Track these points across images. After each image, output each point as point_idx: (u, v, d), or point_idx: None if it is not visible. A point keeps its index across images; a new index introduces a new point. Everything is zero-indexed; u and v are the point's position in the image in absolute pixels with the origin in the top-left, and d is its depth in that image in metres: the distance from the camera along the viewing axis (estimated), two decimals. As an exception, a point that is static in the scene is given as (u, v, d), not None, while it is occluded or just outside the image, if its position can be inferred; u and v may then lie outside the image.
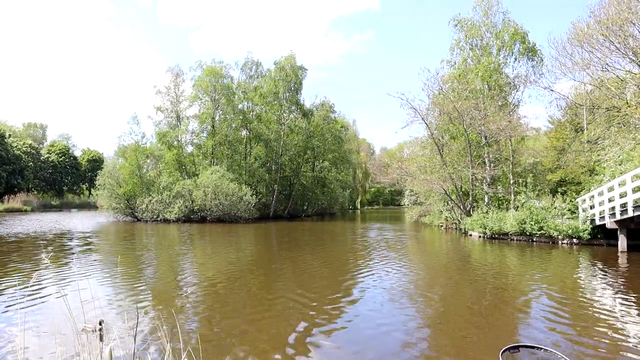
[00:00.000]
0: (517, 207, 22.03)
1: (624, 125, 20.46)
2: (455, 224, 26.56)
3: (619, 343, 5.99)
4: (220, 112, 45.28)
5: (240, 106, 47.12)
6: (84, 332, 5.46)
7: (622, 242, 15.27)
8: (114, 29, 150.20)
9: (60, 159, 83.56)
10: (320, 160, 55.01)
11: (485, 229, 20.94)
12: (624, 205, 14.66)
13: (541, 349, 5.27)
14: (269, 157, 47.87)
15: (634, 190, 13.94)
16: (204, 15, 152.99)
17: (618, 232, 15.42)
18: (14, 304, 8.27)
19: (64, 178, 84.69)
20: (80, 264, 13.27)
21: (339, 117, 63.09)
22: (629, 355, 5.54)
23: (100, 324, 5.49)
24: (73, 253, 16.20)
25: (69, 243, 19.73)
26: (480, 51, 28.25)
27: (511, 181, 25.69)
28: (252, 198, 39.05)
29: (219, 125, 45.07)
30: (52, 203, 74.74)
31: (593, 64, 20.55)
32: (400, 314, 7.67)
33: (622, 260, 13.69)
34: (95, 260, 14.56)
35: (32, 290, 9.38)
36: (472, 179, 25.06)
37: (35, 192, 75.09)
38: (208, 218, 37.85)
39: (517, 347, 5.28)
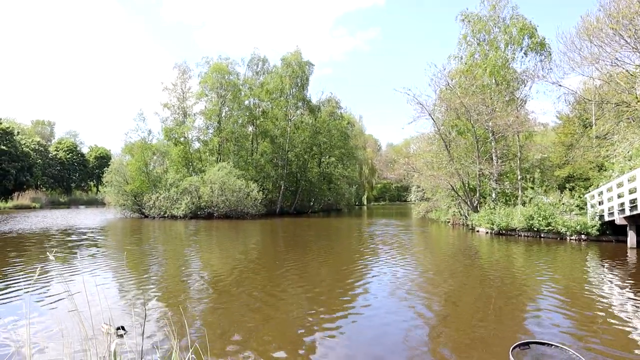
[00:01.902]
0: (525, 202, 21.92)
1: (634, 121, 20.27)
2: (462, 219, 26.49)
3: (629, 340, 5.94)
4: (227, 108, 45.42)
5: (246, 102, 47.25)
6: (105, 332, 5.52)
7: (631, 238, 15.13)
8: (120, 26, 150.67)
9: (68, 156, 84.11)
10: (327, 157, 55.06)
11: (493, 224, 20.86)
12: (633, 201, 14.53)
13: (551, 345, 5.25)
14: (276, 154, 47.92)
15: (644, 186, 13.81)
16: (208, 13, 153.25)
17: (627, 228, 15.28)
18: (21, 299, 8.34)
19: (72, 175, 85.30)
20: (87, 260, 13.35)
21: (345, 113, 63.04)
22: (638, 350, 5.50)
23: (122, 328, 5.58)
24: (80, 249, 16.29)
25: (77, 239, 19.85)
26: (487, 46, 28.07)
27: (519, 177, 25.53)
28: (259, 194, 39.20)
29: (225, 122, 45.20)
30: (60, 200, 75.22)
31: (602, 59, 20.35)
32: (407, 310, 7.65)
33: (632, 256, 13.57)
34: (102, 255, 14.63)
35: (39, 286, 9.46)
36: (479, 174, 24.96)
37: (44, 189, 75.67)
38: (215, 214, 37.99)
39: (527, 344, 5.26)
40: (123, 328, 5.71)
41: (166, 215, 39.00)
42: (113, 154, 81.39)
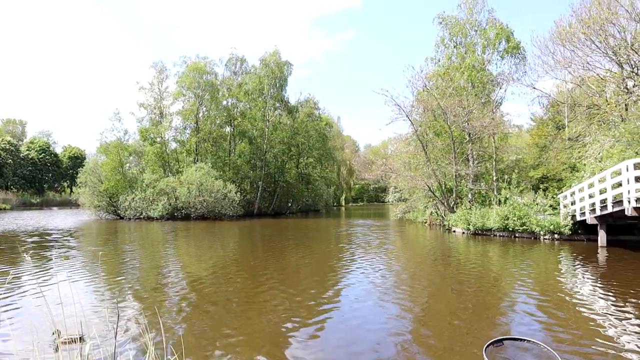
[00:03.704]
0: (500, 203, 22.27)
1: (604, 123, 20.82)
2: (439, 220, 26.75)
3: (598, 334, 6.09)
4: (204, 108, 45.04)
5: (224, 103, 46.92)
6: (60, 342, 5.38)
7: (601, 237, 15.52)
8: (94, 25, 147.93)
9: (41, 156, 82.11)
10: (305, 157, 55.03)
11: (469, 225, 21.12)
12: (603, 201, 14.92)
13: (524, 340, 5.35)
14: (254, 154, 47.69)
15: (614, 187, 14.17)
16: (185, 13, 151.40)
17: (598, 227, 15.66)
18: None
19: (45, 175, 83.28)
20: (59, 263, 13.06)
21: (323, 114, 63.07)
22: (608, 344, 5.64)
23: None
24: (52, 252, 15.92)
25: (49, 241, 19.40)
26: (464, 49, 28.47)
27: (494, 178, 25.95)
28: (237, 195, 38.91)
29: (203, 122, 44.81)
30: (32, 201, 73.46)
31: (574, 63, 20.85)
32: (384, 310, 7.68)
33: (602, 254, 13.92)
34: (75, 258, 14.32)
35: (9, 289, 9.20)
36: (455, 175, 25.26)
37: (15, 190, 73.64)
38: (192, 215, 37.56)
39: (500, 341, 5.34)
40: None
41: (142, 216, 38.46)
42: (88, 154, 79.83)
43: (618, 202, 13.96)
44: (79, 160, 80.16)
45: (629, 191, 12.93)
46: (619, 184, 13.78)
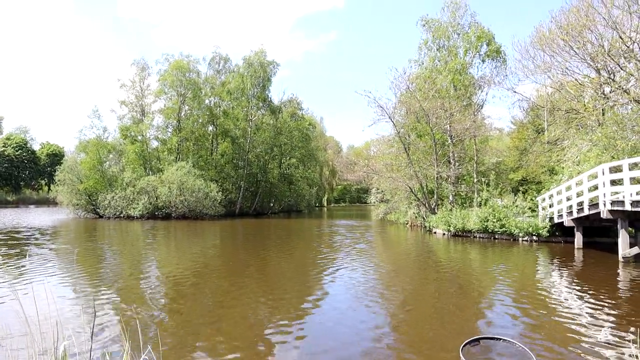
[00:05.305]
0: (480, 205, 22.54)
1: (582, 127, 21.21)
2: (421, 221, 26.95)
3: (573, 332, 6.19)
4: (187, 107, 44.53)
5: (207, 101, 46.50)
6: None
7: (578, 239, 15.83)
8: (72, 21, 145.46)
9: (17, 153, 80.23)
10: (288, 158, 54.87)
11: (450, 226, 21.31)
12: (580, 204, 15.21)
13: (500, 339, 5.42)
14: (236, 154, 47.38)
15: (590, 190, 14.45)
16: (165, 11, 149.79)
17: (575, 229, 15.98)
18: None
19: (21, 173, 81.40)
20: (36, 261, 12.78)
21: (306, 114, 62.88)
22: (583, 343, 5.74)
23: None
24: (26, 250, 15.58)
25: (25, 240, 19.01)
26: (447, 52, 28.76)
27: (475, 180, 26.24)
28: (218, 195, 38.62)
29: (185, 121, 44.30)
30: (7, 199, 71.89)
31: (554, 68, 21.18)
32: (363, 311, 7.68)
33: (578, 256, 14.19)
34: (49, 257, 14.04)
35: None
36: (437, 177, 25.49)
37: (-11, 188, 72.03)
38: (173, 215, 37.14)
39: (477, 340, 5.40)
40: None
41: (122, 215, 37.92)
42: (66, 151, 78.40)
43: (594, 204, 14.23)
44: (57, 158, 78.48)
45: (604, 194, 13.18)
46: (596, 187, 14.05)
